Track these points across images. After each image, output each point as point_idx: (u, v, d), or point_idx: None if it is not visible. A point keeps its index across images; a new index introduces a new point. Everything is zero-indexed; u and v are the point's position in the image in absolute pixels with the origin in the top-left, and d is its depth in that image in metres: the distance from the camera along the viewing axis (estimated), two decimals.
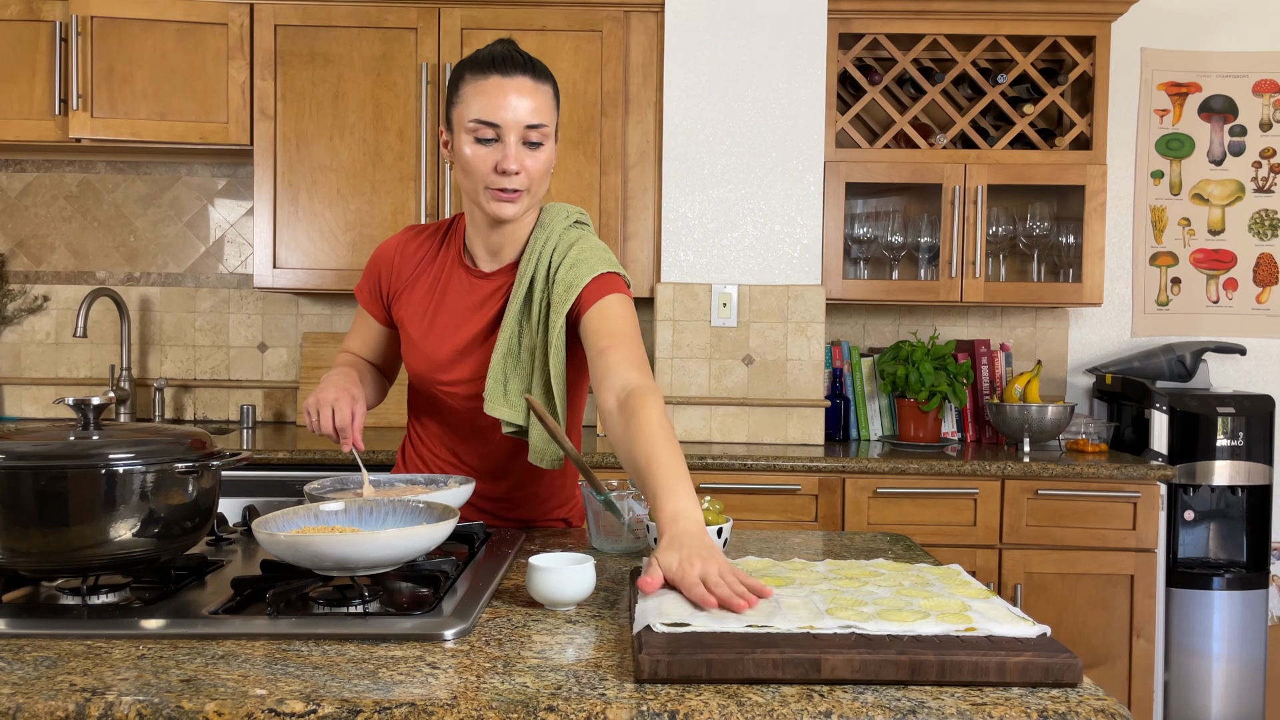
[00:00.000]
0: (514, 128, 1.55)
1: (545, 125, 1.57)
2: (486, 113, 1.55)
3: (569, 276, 1.62)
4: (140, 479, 1.22)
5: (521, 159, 1.57)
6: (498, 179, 1.57)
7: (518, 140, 1.56)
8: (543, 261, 1.65)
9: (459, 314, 1.69)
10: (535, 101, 1.56)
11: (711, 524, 1.50)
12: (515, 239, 1.68)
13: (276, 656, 1.07)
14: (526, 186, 1.59)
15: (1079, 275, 3.22)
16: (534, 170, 1.59)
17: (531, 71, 1.57)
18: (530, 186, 1.60)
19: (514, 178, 1.57)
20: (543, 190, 1.65)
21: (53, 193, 3.49)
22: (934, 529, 2.85)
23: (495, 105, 1.54)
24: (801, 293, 3.12)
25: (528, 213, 1.67)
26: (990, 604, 1.16)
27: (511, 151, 1.56)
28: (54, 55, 3.06)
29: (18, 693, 0.96)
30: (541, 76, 1.59)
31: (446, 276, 1.72)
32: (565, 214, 1.71)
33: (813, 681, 1.00)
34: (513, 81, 1.55)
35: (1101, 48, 3.17)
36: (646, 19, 3.13)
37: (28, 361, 3.50)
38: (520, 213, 1.62)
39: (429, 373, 1.70)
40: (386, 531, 1.17)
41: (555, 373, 1.62)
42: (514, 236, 1.68)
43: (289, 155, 3.11)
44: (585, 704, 0.95)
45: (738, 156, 3.12)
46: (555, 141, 1.63)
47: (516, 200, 1.60)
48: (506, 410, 1.64)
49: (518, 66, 1.56)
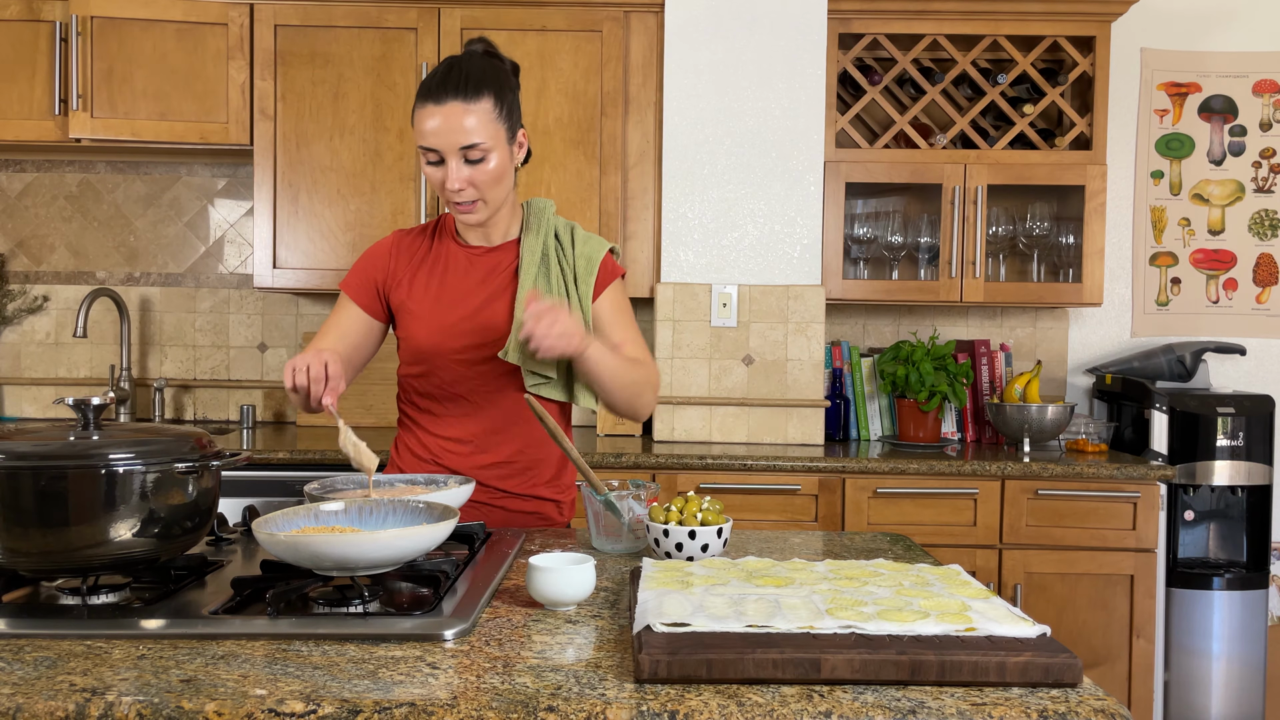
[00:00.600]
0: (450, 151, 1.67)
1: (482, 143, 1.67)
2: (424, 139, 1.68)
3: (586, 250, 1.82)
4: (140, 479, 1.22)
5: (464, 176, 1.69)
6: (450, 195, 1.71)
7: (458, 161, 1.68)
8: (549, 236, 1.82)
9: (464, 286, 1.81)
10: (470, 121, 1.66)
11: (711, 524, 1.50)
12: (499, 225, 1.82)
13: (276, 656, 1.07)
14: (477, 198, 1.72)
15: (1079, 275, 3.22)
16: (481, 181, 1.70)
17: (464, 93, 1.66)
18: (482, 195, 1.72)
19: (461, 193, 1.70)
20: (501, 192, 1.75)
21: (53, 193, 3.49)
22: (934, 529, 2.85)
23: (429, 132, 1.67)
24: (801, 293, 3.12)
25: (504, 206, 1.79)
26: (990, 604, 1.16)
27: (452, 172, 1.68)
28: (54, 55, 3.06)
29: (18, 693, 0.96)
30: (476, 94, 1.67)
31: (445, 259, 1.83)
32: (549, 205, 1.88)
33: (813, 681, 1.00)
34: (444, 108, 1.66)
35: (1101, 48, 3.17)
36: (646, 19, 3.13)
37: (28, 361, 3.50)
38: (484, 218, 1.76)
39: (439, 340, 1.78)
40: (386, 531, 1.17)
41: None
42: (497, 224, 1.82)
43: (289, 155, 3.11)
44: (585, 704, 0.95)
45: (738, 156, 3.12)
46: (511, 143, 1.74)
47: (474, 209, 1.73)
48: (530, 362, 1.75)
49: (450, 89, 1.66)
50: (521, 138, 1.77)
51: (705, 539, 1.49)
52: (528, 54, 3.10)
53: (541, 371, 1.77)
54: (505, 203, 1.78)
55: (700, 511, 1.51)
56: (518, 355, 1.74)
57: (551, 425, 1.57)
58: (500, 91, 1.71)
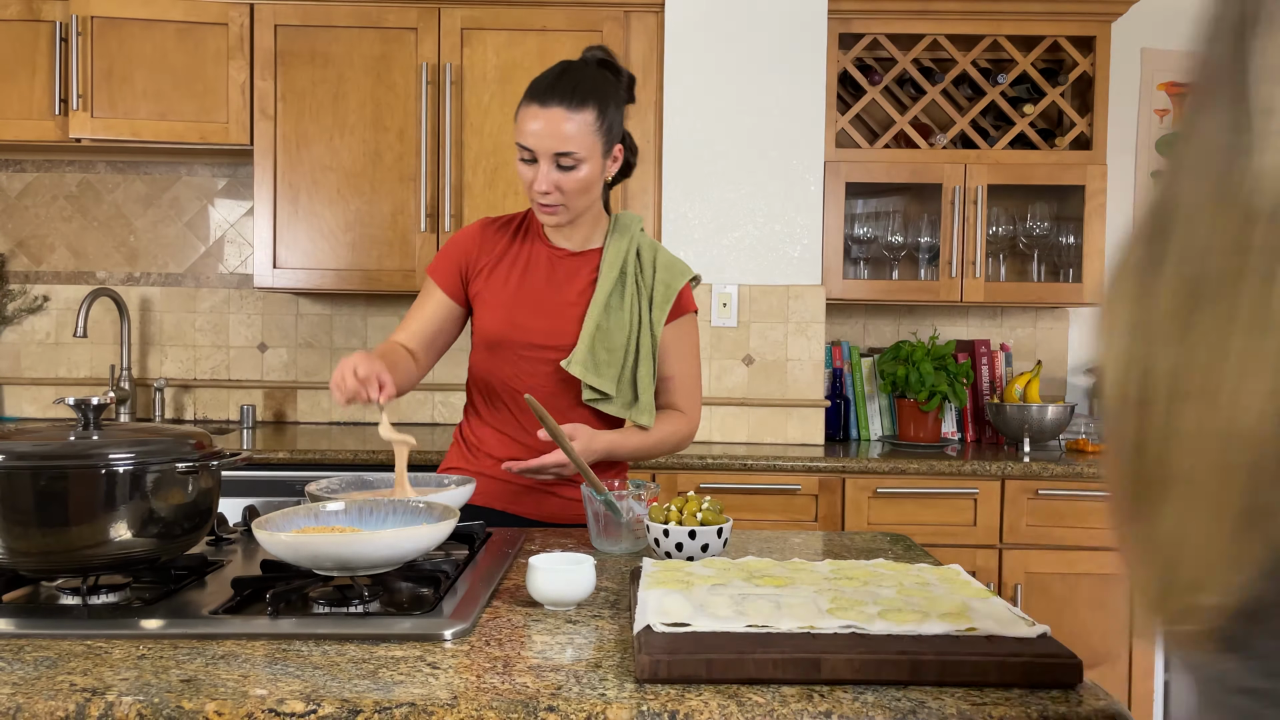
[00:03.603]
0: (545, 154, 1.72)
1: (576, 151, 1.71)
2: (522, 138, 1.73)
3: (666, 277, 1.86)
4: (140, 479, 1.22)
5: (552, 179, 1.73)
6: (535, 195, 1.75)
7: (549, 164, 1.72)
8: (630, 252, 1.85)
9: (542, 285, 1.85)
10: (569, 128, 1.70)
11: (711, 524, 1.50)
12: (582, 231, 1.86)
13: (276, 656, 1.07)
14: (561, 202, 1.76)
15: (1079, 275, 3.21)
16: (568, 187, 1.74)
17: (569, 100, 1.71)
18: (566, 201, 1.76)
19: (547, 195, 1.74)
20: (586, 201, 1.79)
21: (53, 193, 3.49)
22: (934, 529, 2.85)
23: (529, 132, 1.72)
24: (801, 293, 3.12)
25: (587, 212, 1.83)
26: (990, 604, 1.16)
27: (542, 174, 1.73)
28: (54, 55, 3.06)
29: (18, 693, 0.96)
30: (580, 104, 1.72)
31: (528, 256, 1.87)
32: (637, 220, 1.91)
33: (813, 681, 1.00)
34: (547, 111, 1.71)
35: (1101, 48, 3.17)
36: (646, 19, 3.13)
37: (28, 361, 3.50)
38: (563, 222, 1.80)
39: (507, 332, 1.82)
40: (386, 531, 1.17)
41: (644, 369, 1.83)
42: (579, 229, 1.85)
43: (289, 155, 3.11)
44: (585, 704, 0.95)
45: (738, 156, 3.12)
46: (606, 157, 1.78)
47: (556, 212, 1.77)
48: (592, 377, 1.79)
49: (557, 94, 1.71)
50: (617, 152, 1.82)
51: (705, 539, 1.49)
52: (528, 54, 3.10)
53: (601, 388, 1.80)
54: (588, 211, 1.83)
55: (700, 511, 1.51)
56: (580, 368, 1.78)
57: (552, 425, 1.58)
58: (604, 104, 1.75)
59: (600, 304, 1.81)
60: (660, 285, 1.85)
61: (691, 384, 1.90)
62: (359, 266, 3.13)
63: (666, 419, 1.87)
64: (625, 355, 1.82)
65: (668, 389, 1.88)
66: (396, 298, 3.45)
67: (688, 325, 1.90)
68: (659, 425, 1.86)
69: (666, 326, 1.87)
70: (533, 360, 1.83)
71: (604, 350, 1.81)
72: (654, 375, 1.85)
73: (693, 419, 1.90)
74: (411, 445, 1.59)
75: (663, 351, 1.87)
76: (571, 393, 1.83)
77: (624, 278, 1.84)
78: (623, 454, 1.82)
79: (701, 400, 1.96)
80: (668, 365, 1.88)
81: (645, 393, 1.83)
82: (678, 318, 1.88)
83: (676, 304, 1.87)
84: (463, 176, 3.11)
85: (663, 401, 1.89)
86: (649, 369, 1.83)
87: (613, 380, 1.81)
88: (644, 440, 1.83)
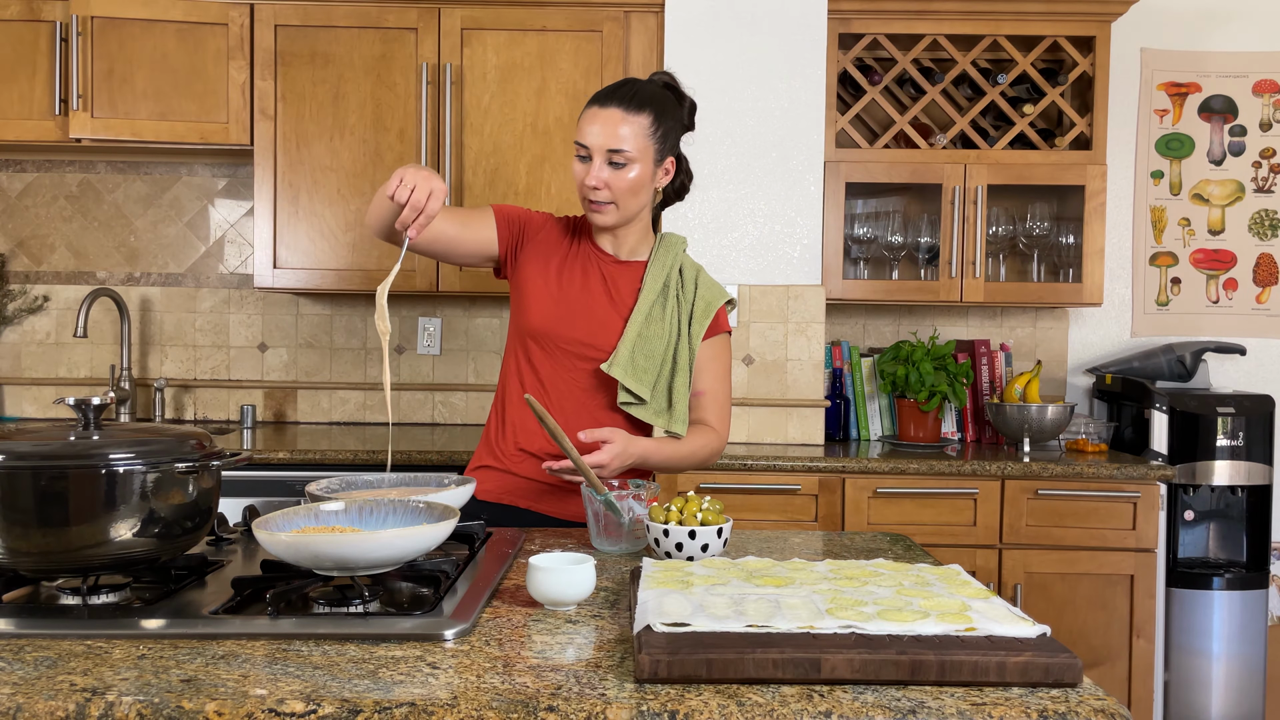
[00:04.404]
0: (598, 150, 1.79)
1: (627, 150, 1.78)
2: (580, 135, 1.81)
3: (707, 295, 1.92)
4: (140, 479, 1.22)
5: (604, 177, 1.79)
6: (587, 191, 1.82)
7: (602, 161, 1.79)
8: (674, 269, 1.91)
9: (587, 285, 1.90)
10: (624, 129, 1.78)
11: (711, 524, 1.50)
12: (628, 240, 1.91)
13: (276, 656, 1.07)
14: (611, 200, 1.82)
15: (1079, 275, 3.22)
16: (617, 186, 1.80)
17: (627, 104, 1.79)
18: (616, 200, 1.82)
19: (597, 192, 1.81)
20: (635, 204, 1.85)
21: (53, 193, 3.49)
22: (934, 529, 2.85)
23: (586, 130, 1.80)
24: (801, 293, 3.12)
25: (635, 222, 1.89)
26: (990, 604, 1.16)
27: (594, 170, 1.80)
28: (54, 55, 3.06)
29: (18, 693, 0.96)
30: (638, 108, 1.80)
31: (578, 256, 1.92)
32: (682, 241, 1.97)
33: (813, 681, 1.00)
34: (605, 111, 1.80)
35: (1101, 48, 3.17)
36: (646, 19, 3.13)
37: (28, 361, 3.50)
38: (611, 223, 1.85)
39: (551, 326, 1.86)
40: (386, 531, 1.17)
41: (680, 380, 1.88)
42: (626, 238, 1.91)
43: (289, 155, 3.11)
44: (585, 704, 0.95)
45: (738, 156, 3.12)
46: (658, 165, 1.85)
47: (605, 211, 1.83)
48: (631, 381, 1.84)
49: (616, 98, 1.80)
50: (669, 165, 1.88)
51: (705, 539, 1.49)
52: (528, 54, 3.10)
53: (638, 392, 1.84)
54: (637, 218, 1.89)
55: (700, 511, 1.51)
56: (621, 371, 1.83)
57: (552, 425, 1.59)
58: (661, 115, 1.82)
59: (643, 312, 1.86)
60: (701, 302, 1.91)
61: (723, 401, 1.95)
62: (359, 267, 3.13)
63: (698, 433, 1.91)
64: (663, 364, 1.88)
65: (699, 404, 1.93)
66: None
67: (722, 344, 1.95)
68: (691, 437, 1.89)
69: (703, 343, 1.92)
70: (572, 357, 1.87)
71: (643, 356, 1.86)
72: (689, 387, 1.90)
73: (723, 435, 1.94)
74: (384, 335, 1.58)
75: (697, 368, 1.92)
76: (607, 395, 1.87)
77: (666, 290, 1.90)
78: (656, 461, 1.83)
79: (730, 418, 1.99)
80: (701, 381, 1.93)
81: (680, 402, 1.88)
82: (713, 336, 1.94)
83: (713, 323, 1.93)
84: (463, 177, 3.11)
85: (694, 417, 1.93)
86: (684, 380, 1.88)
87: (649, 386, 1.86)
88: (677, 449, 1.86)
